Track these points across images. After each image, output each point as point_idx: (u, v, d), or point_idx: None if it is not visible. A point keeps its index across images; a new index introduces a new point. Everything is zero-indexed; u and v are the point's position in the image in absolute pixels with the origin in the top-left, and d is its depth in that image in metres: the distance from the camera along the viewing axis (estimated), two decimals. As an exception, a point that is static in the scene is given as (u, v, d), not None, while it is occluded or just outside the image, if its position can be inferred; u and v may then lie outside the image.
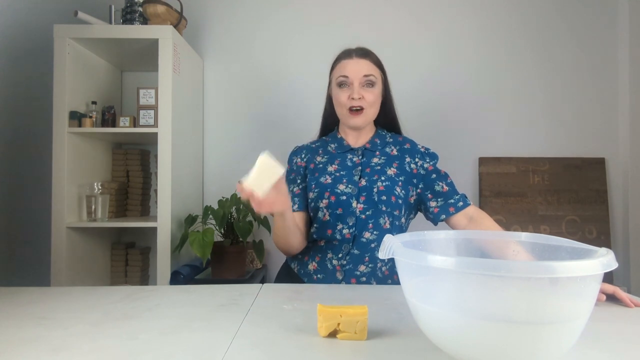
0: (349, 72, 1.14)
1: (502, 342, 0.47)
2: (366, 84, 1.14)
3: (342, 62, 1.16)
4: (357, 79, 1.13)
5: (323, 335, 0.64)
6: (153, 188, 1.99)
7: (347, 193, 1.12)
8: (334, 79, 1.18)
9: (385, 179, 1.12)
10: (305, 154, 1.25)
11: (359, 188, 1.12)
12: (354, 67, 1.14)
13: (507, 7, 2.05)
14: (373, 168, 1.15)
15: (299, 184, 1.22)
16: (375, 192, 1.11)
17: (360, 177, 1.14)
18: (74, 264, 1.63)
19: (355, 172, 1.15)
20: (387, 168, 1.15)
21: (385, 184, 1.12)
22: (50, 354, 0.59)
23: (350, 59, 1.15)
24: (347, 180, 1.14)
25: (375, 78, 1.15)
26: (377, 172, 1.14)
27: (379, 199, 1.10)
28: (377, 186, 1.11)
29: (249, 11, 2.07)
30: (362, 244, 1.10)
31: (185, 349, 0.60)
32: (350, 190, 1.12)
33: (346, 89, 1.15)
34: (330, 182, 1.14)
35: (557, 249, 0.62)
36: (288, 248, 1.14)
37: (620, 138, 2.02)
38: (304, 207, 1.20)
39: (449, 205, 1.13)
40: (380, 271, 1.11)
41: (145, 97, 1.69)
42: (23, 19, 1.70)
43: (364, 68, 1.14)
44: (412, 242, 0.64)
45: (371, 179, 1.13)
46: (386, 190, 1.11)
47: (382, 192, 1.11)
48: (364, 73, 1.13)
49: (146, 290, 0.94)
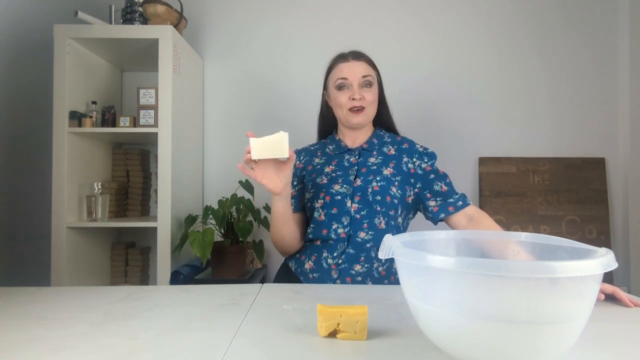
0: (348, 73, 1.15)
1: (502, 342, 0.47)
2: (365, 84, 1.16)
3: (339, 66, 1.18)
4: (356, 80, 1.15)
5: (323, 335, 0.64)
6: (153, 188, 1.99)
7: (341, 193, 1.13)
8: (331, 83, 1.20)
9: (381, 179, 1.13)
10: (304, 156, 1.27)
11: (354, 188, 1.13)
12: (352, 69, 1.16)
13: (508, 8, 2.05)
14: (369, 168, 1.16)
15: (294, 185, 1.24)
16: (369, 192, 1.12)
17: (356, 177, 1.15)
18: (74, 264, 1.63)
19: (351, 172, 1.17)
20: (384, 168, 1.16)
21: (380, 183, 1.12)
22: (50, 354, 0.59)
23: (346, 62, 1.17)
24: (343, 180, 1.15)
25: (372, 78, 1.18)
26: (372, 172, 1.15)
27: (373, 199, 1.11)
28: (372, 186, 1.12)
29: (249, 11, 2.07)
30: (357, 244, 1.11)
31: (185, 349, 0.60)
32: (345, 190, 1.13)
33: (346, 90, 1.16)
34: (326, 182, 1.16)
35: (557, 249, 0.62)
36: (282, 245, 1.17)
37: (620, 138, 2.02)
38: (300, 209, 1.23)
39: (449, 204, 1.13)
40: (377, 271, 1.11)
41: (145, 97, 1.69)
42: (23, 19, 1.70)
43: (361, 69, 1.16)
44: (412, 242, 0.65)
45: (366, 178, 1.14)
46: (381, 190, 1.11)
47: (376, 192, 1.11)
48: (362, 74, 1.15)
49: (146, 290, 0.94)
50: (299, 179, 1.25)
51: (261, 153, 0.92)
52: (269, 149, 0.92)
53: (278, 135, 0.92)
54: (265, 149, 0.92)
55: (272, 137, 0.92)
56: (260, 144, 0.91)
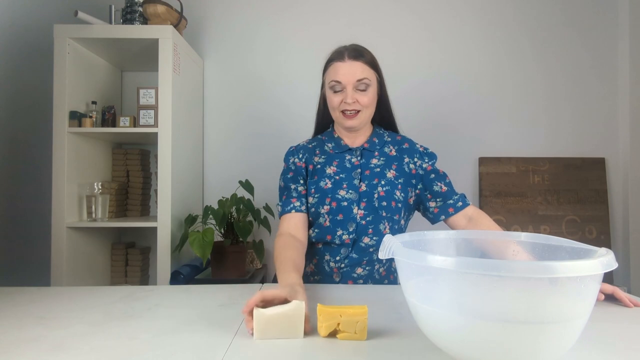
0: (342, 76, 1.09)
1: (502, 342, 0.47)
2: (360, 87, 1.09)
3: (335, 65, 1.11)
4: (350, 84, 1.08)
5: (323, 335, 0.64)
6: (153, 188, 1.99)
7: (347, 199, 1.10)
8: (326, 81, 1.14)
9: (386, 183, 1.11)
10: (303, 154, 1.21)
11: (360, 193, 1.11)
12: (347, 71, 1.09)
13: (508, 8, 2.05)
14: (372, 170, 1.14)
15: (302, 183, 1.18)
16: (375, 197, 1.10)
17: (360, 181, 1.12)
18: (74, 264, 1.63)
19: (355, 175, 1.13)
20: (387, 170, 1.13)
21: (385, 188, 1.10)
22: (50, 354, 0.59)
23: (342, 62, 1.09)
24: (348, 185, 1.11)
25: (369, 80, 1.10)
26: (377, 175, 1.12)
27: (379, 205, 1.09)
28: (378, 191, 1.10)
29: (249, 11, 2.07)
30: (361, 249, 1.10)
31: (185, 349, 0.60)
32: (351, 196, 1.10)
33: (339, 93, 1.11)
34: (330, 186, 1.12)
35: (557, 249, 0.62)
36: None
37: (620, 138, 2.02)
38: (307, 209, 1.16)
39: (448, 205, 1.12)
40: (378, 272, 1.10)
41: (145, 97, 1.69)
42: (23, 19, 1.70)
43: (357, 71, 1.08)
44: (412, 242, 0.65)
45: (371, 183, 1.11)
46: (387, 195, 1.10)
47: (382, 198, 1.09)
48: (357, 77, 1.08)
49: (146, 290, 0.94)
50: (303, 177, 1.19)
51: (268, 333, 0.64)
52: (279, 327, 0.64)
53: (292, 308, 0.65)
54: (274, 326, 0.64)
55: (285, 309, 0.64)
56: (267, 320, 0.64)
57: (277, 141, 2.02)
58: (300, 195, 1.16)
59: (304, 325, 0.65)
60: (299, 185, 1.17)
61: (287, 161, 1.22)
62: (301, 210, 1.14)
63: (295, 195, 1.16)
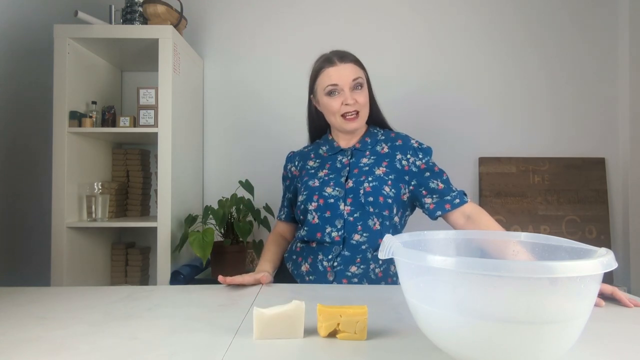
0: (337, 79, 1.12)
1: (502, 342, 0.47)
2: (356, 87, 1.13)
3: (326, 71, 1.14)
4: (347, 84, 1.12)
5: (323, 335, 0.64)
6: (153, 188, 1.99)
7: (334, 196, 1.12)
8: (320, 89, 1.16)
9: (373, 179, 1.12)
10: (299, 160, 1.27)
11: (346, 190, 1.12)
12: (341, 73, 1.12)
13: (508, 7, 2.05)
14: (361, 169, 1.15)
15: (288, 194, 1.28)
16: (361, 193, 1.10)
17: (347, 179, 1.14)
18: (74, 264, 1.63)
19: (343, 174, 1.15)
20: (376, 168, 1.14)
21: (372, 184, 1.11)
22: (50, 354, 0.59)
23: (333, 66, 1.13)
24: (335, 183, 1.14)
25: (362, 79, 1.14)
26: (364, 173, 1.14)
27: (365, 200, 1.10)
28: (364, 187, 1.11)
29: (249, 11, 2.07)
30: (352, 246, 1.10)
31: (185, 349, 0.60)
32: (337, 193, 1.12)
33: (337, 96, 1.13)
34: (317, 185, 1.15)
35: (557, 249, 0.62)
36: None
37: (620, 138, 2.02)
38: (290, 219, 1.29)
39: (445, 202, 1.12)
40: (374, 273, 1.10)
41: (145, 97, 1.69)
42: (23, 19, 1.70)
43: (350, 72, 1.12)
44: (412, 242, 0.65)
45: (358, 179, 1.12)
46: (373, 190, 1.10)
47: (368, 194, 1.10)
48: (352, 77, 1.12)
49: (146, 290, 0.94)
50: (294, 187, 1.26)
51: (267, 333, 0.64)
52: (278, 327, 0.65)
53: (292, 309, 0.65)
54: (274, 327, 0.65)
55: (285, 310, 0.65)
56: (267, 320, 0.64)
57: (277, 141, 2.02)
58: (290, 203, 1.28)
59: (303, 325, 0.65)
60: (289, 194, 1.28)
61: (285, 168, 1.30)
62: (289, 219, 1.29)
63: (286, 203, 1.29)
